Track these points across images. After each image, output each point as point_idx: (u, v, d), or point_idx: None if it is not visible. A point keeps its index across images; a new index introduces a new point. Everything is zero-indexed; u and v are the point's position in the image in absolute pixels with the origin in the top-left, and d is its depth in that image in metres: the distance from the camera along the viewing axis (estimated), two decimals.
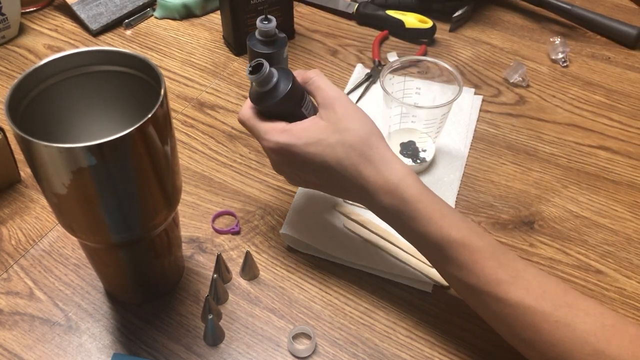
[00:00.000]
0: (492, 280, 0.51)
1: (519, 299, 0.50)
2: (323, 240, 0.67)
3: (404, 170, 0.55)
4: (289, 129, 0.57)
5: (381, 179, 0.54)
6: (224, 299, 0.62)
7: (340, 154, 0.55)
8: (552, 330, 0.49)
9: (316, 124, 0.56)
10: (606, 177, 0.76)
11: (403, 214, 0.54)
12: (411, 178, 0.55)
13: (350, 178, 0.56)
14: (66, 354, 0.59)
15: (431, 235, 0.53)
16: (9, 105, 0.45)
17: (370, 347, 0.59)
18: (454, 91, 0.70)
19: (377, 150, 0.55)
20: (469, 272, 0.52)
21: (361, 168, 0.55)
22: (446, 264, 0.54)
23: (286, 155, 0.57)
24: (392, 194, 0.54)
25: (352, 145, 0.55)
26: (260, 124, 0.58)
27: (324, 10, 1.03)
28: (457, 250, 0.53)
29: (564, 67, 0.92)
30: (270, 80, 0.57)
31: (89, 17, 0.98)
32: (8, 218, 0.70)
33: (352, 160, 0.55)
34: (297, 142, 0.56)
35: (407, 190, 0.54)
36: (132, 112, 0.53)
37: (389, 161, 0.55)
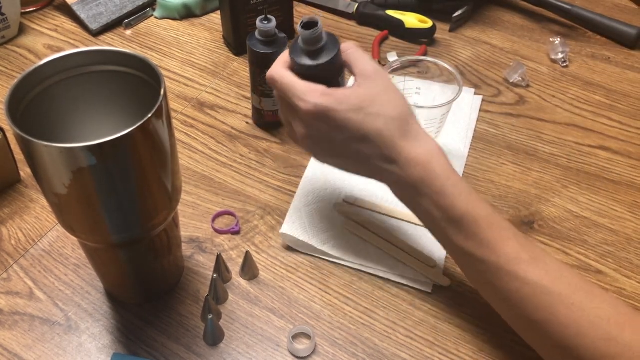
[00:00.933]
0: (513, 258, 0.52)
1: (537, 279, 0.51)
2: (323, 240, 0.67)
3: (437, 147, 0.56)
4: (330, 93, 0.55)
5: (415, 152, 0.55)
6: (223, 298, 0.62)
7: (380, 124, 0.55)
8: (567, 312, 0.49)
9: (357, 92, 0.55)
10: (606, 177, 0.76)
11: (431, 188, 0.54)
12: (443, 155, 0.56)
13: (384, 149, 0.55)
14: (66, 354, 0.59)
15: (457, 209, 0.54)
16: (9, 105, 0.46)
17: (370, 346, 0.59)
18: (453, 91, 0.70)
19: (413, 126, 0.56)
20: (491, 249, 0.52)
21: (398, 140, 0.55)
22: (467, 239, 0.54)
23: (322, 119, 0.55)
24: (424, 167, 0.54)
25: (392, 117, 0.55)
26: (299, 82, 0.56)
27: (324, 10, 1.03)
28: (481, 227, 0.53)
29: (563, 67, 0.92)
30: (321, 39, 0.56)
31: (89, 17, 0.98)
32: (8, 218, 0.70)
33: (391, 132, 0.55)
34: (339, 107, 0.54)
35: (440, 165, 0.55)
36: (132, 112, 0.53)
37: (423, 137, 0.56)
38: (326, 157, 0.60)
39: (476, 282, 0.57)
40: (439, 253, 0.66)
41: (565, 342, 0.49)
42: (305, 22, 0.55)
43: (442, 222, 0.55)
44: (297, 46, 0.57)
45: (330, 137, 0.56)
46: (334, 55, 0.56)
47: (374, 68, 0.57)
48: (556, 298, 0.50)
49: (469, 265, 0.55)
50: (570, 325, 0.49)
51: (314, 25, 0.55)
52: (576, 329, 0.49)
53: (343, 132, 0.55)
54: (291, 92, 0.56)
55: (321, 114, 0.55)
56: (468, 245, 0.54)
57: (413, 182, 0.55)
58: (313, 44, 0.56)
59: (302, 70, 0.57)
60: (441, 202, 0.54)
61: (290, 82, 0.56)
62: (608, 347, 0.48)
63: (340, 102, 0.54)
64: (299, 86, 0.56)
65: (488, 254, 0.53)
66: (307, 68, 0.56)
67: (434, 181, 0.54)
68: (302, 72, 0.57)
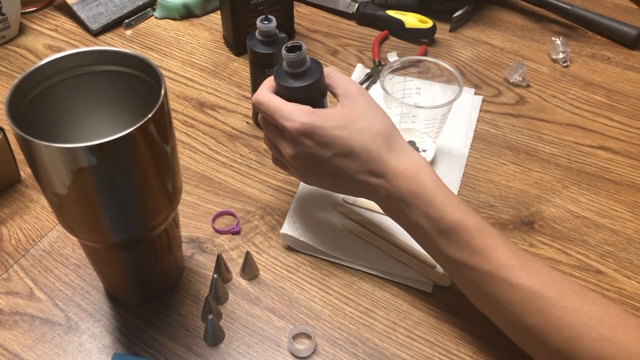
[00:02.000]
0: (504, 265, 0.52)
1: (529, 284, 0.51)
2: (323, 240, 0.67)
3: (423, 160, 0.58)
4: (315, 112, 0.57)
5: (402, 165, 0.56)
6: (224, 299, 0.62)
7: (366, 139, 0.57)
8: (561, 315, 0.50)
9: (341, 111, 0.58)
10: (606, 177, 0.76)
11: (420, 199, 0.55)
12: (430, 168, 0.57)
13: (371, 163, 0.57)
14: (66, 354, 0.59)
15: (447, 219, 0.54)
16: (9, 105, 0.46)
17: (370, 347, 0.59)
18: (454, 91, 0.70)
19: (398, 140, 0.58)
20: (483, 257, 0.53)
21: (385, 154, 0.57)
22: (458, 249, 0.54)
23: (309, 137, 0.57)
24: (412, 179, 0.56)
25: (377, 132, 0.57)
26: (285, 103, 0.58)
27: (324, 10, 1.03)
28: (472, 235, 0.54)
29: (564, 67, 0.92)
30: (305, 62, 0.58)
31: (89, 17, 0.98)
32: (8, 218, 0.70)
33: (377, 146, 0.57)
34: (324, 125, 0.56)
35: (428, 176, 0.56)
36: (133, 112, 0.53)
37: (409, 151, 0.58)
38: (314, 177, 0.61)
39: (469, 292, 0.57)
40: None
41: (561, 345, 0.50)
42: (290, 46, 0.57)
43: (433, 232, 0.56)
44: (282, 70, 0.59)
45: (317, 155, 0.57)
46: (318, 77, 0.58)
47: (356, 88, 0.59)
48: (549, 302, 0.51)
49: (462, 275, 0.56)
50: (564, 328, 0.50)
51: (298, 49, 0.57)
52: (570, 332, 0.49)
53: (330, 148, 0.57)
54: (277, 113, 0.58)
55: (308, 132, 0.56)
56: (459, 254, 0.54)
57: (402, 195, 0.56)
58: (297, 66, 0.58)
59: (287, 92, 0.59)
60: (431, 213, 0.55)
61: (277, 104, 0.58)
62: (603, 348, 0.48)
63: (325, 120, 0.57)
64: (285, 107, 0.57)
65: (480, 262, 0.53)
66: (292, 90, 0.58)
67: (423, 192, 0.55)
68: (287, 94, 0.59)
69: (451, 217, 0.54)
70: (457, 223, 0.54)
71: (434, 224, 0.55)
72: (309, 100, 0.59)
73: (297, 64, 0.58)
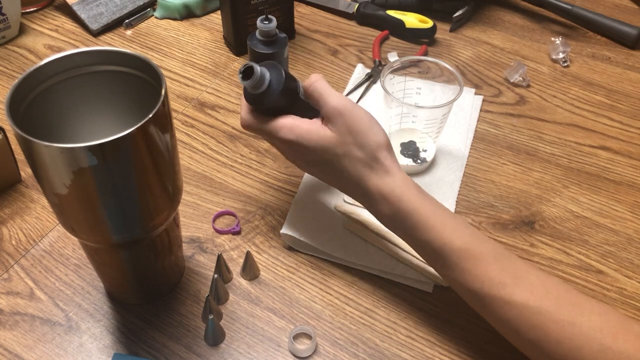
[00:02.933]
0: (496, 283, 0.52)
1: (523, 300, 0.51)
2: (323, 240, 0.67)
3: (406, 182, 0.57)
4: (297, 126, 0.58)
5: (384, 190, 0.57)
6: (224, 299, 0.62)
7: (346, 165, 0.57)
8: (558, 329, 0.50)
9: (323, 133, 0.58)
10: (607, 177, 0.76)
11: (405, 223, 0.56)
12: (414, 190, 0.57)
13: (355, 184, 0.58)
14: (67, 354, 0.59)
15: (433, 243, 0.55)
16: (10, 105, 0.45)
17: (370, 347, 0.59)
18: (454, 91, 0.70)
19: (382, 162, 0.57)
20: (473, 277, 0.53)
21: (366, 179, 0.57)
22: (449, 270, 0.55)
23: (298, 150, 0.59)
24: (394, 205, 0.56)
25: (358, 159, 0.57)
26: (267, 124, 0.59)
27: (324, 10, 1.03)
28: (460, 257, 0.54)
29: (564, 67, 0.92)
30: (263, 81, 0.57)
31: (89, 17, 0.98)
32: (8, 218, 0.70)
33: (358, 171, 0.57)
34: (308, 144, 0.58)
35: (410, 201, 0.56)
36: (133, 112, 0.53)
37: (393, 173, 0.57)
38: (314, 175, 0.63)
39: (472, 305, 0.57)
40: None
41: (563, 357, 0.49)
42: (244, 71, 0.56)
43: (423, 253, 0.57)
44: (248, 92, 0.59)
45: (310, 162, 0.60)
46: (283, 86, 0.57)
47: (340, 106, 0.57)
48: (545, 316, 0.50)
49: (460, 292, 0.56)
50: (563, 341, 0.49)
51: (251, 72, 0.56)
52: (570, 344, 0.49)
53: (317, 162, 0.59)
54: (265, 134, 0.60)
55: (294, 146, 0.58)
56: (451, 274, 0.55)
57: (390, 218, 0.57)
58: (258, 87, 0.57)
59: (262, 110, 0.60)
60: (417, 237, 0.56)
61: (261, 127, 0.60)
62: (605, 357, 0.48)
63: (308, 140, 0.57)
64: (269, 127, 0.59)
65: (472, 282, 0.53)
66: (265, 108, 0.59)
67: (406, 217, 0.56)
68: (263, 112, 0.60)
69: (437, 241, 0.55)
70: (443, 246, 0.54)
71: (422, 247, 0.56)
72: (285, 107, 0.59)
73: (256, 86, 0.57)
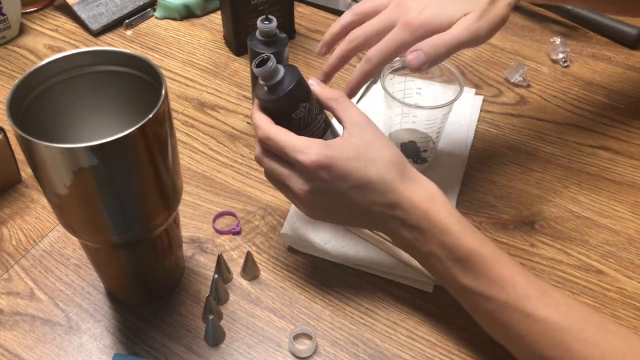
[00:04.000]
0: (522, 295, 0.51)
1: (547, 315, 0.50)
2: (324, 241, 0.67)
3: (436, 188, 0.56)
4: (328, 144, 0.55)
5: (416, 195, 0.55)
6: (224, 299, 0.62)
7: (381, 169, 0.55)
8: (580, 348, 0.49)
9: (351, 141, 0.56)
10: (607, 177, 0.76)
11: (435, 228, 0.54)
12: (443, 196, 0.56)
13: (387, 193, 0.55)
14: (67, 354, 0.59)
15: (463, 248, 0.53)
16: (10, 106, 0.46)
17: (371, 347, 0.59)
18: (454, 91, 0.70)
19: (410, 169, 0.57)
20: (500, 286, 0.52)
21: (399, 183, 0.55)
22: (474, 278, 0.53)
23: (325, 169, 0.54)
24: (427, 209, 0.55)
25: (391, 161, 0.56)
26: (295, 137, 0.55)
27: (324, 10, 1.03)
28: (489, 264, 0.53)
29: (564, 67, 0.92)
30: (278, 72, 0.56)
31: (89, 17, 0.98)
32: (9, 218, 0.70)
33: (392, 176, 0.55)
34: (340, 156, 0.54)
35: (442, 205, 0.55)
36: (133, 113, 0.53)
37: (421, 179, 0.57)
38: (326, 212, 0.59)
39: (485, 322, 0.56)
40: None
41: None
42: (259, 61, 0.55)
43: (448, 261, 0.54)
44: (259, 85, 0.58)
45: (333, 189, 0.55)
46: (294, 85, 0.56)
47: (363, 117, 0.57)
48: (568, 334, 0.49)
49: (477, 305, 0.55)
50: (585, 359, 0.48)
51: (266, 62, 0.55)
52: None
53: (346, 180, 0.55)
54: (289, 147, 0.55)
55: (324, 164, 0.54)
56: (475, 283, 0.53)
57: (417, 224, 0.55)
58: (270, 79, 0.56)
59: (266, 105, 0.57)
60: (446, 241, 0.54)
61: (287, 138, 0.55)
62: None
63: (340, 152, 0.54)
64: (298, 142, 0.55)
65: (497, 292, 0.52)
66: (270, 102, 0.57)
67: (438, 221, 0.54)
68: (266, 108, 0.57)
69: (467, 245, 0.53)
70: (473, 251, 0.53)
71: (449, 253, 0.54)
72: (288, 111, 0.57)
73: (268, 77, 0.56)
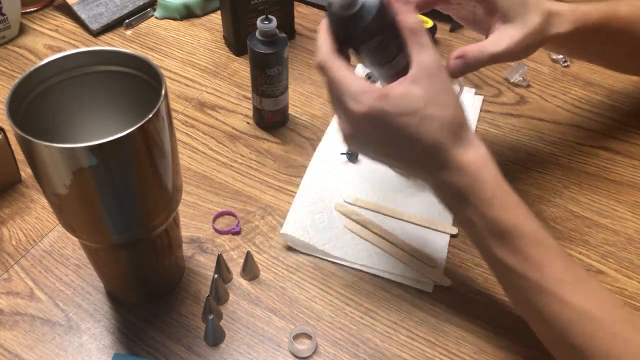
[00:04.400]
0: (557, 279, 0.50)
1: (580, 303, 0.49)
2: (323, 240, 0.67)
3: (489, 155, 0.53)
4: (385, 94, 0.51)
5: (466, 159, 0.52)
6: (224, 299, 0.62)
7: (436, 129, 0.51)
8: (609, 341, 0.48)
9: (412, 92, 0.51)
10: (607, 177, 0.76)
11: (478, 197, 0.52)
12: (493, 163, 0.53)
13: (435, 154, 0.52)
14: (67, 354, 0.59)
15: (504, 222, 0.51)
16: (10, 106, 0.46)
17: (371, 347, 0.59)
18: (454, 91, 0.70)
19: (466, 130, 0.53)
20: (535, 267, 0.51)
21: (451, 146, 0.52)
22: (510, 254, 0.51)
23: (374, 123, 0.52)
24: (474, 175, 0.52)
25: (447, 122, 0.52)
26: (352, 80, 0.52)
27: (324, 10, 1.03)
28: (528, 243, 0.51)
29: (564, 67, 0.92)
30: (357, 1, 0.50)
31: (89, 17, 0.98)
32: (9, 218, 0.70)
33: (445, 137, 0.52)
34: (394, 111, 0.51)
35: (490, 174, 0.52)
36: (133, 112, 0.53)
37: (477, 145, 0.53)
38: (368, 155, 0.57)
39: (515, 298, 0.55)
40: (440, 253, 0.66)
41: None
42: None
43: (485, 232, 0.53)
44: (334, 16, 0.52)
45: (379, 141, 0.53)
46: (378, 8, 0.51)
47: (435, 62, 0.52)
48: (598, 325, 0.48)
49: (509, 280, 0.53)
50: (611, 354, 0.47)
51: None
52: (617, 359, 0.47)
53: (395, 137, 0.52)
54: (343, 89, 0.52)
55: (374, 118, 0.51)
56: (510, 259, 0.52)
57: (460, 190, 0.52)
58: (350, 7, 0.50)
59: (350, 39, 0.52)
60: (487, 213, 0.52)
61: (343, 78, 0.52)
62: None
63: (395, 105, 0.51)
64: (352, 85, 0.51)
65: (531, 272, 0.51)
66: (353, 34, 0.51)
67: (483, 191, 0.52)
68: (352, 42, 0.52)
69: (508, 221, 0.51)
70: (513, 228, 0.51)
71: (489, 225, 0.52)
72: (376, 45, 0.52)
73: (348, 5, 0.50)
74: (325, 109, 0.84)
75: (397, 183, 0.73)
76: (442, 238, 0.68)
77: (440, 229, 0.68)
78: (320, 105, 0.85)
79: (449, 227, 0.69)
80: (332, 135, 0.79)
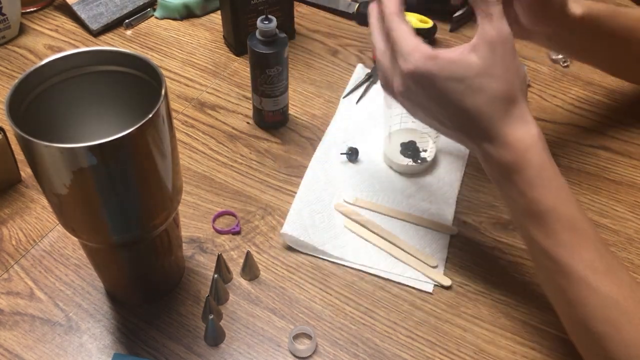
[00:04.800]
0: (589, 266, 0.50)
1: (608, 292, 0.49)
2: (323, 240, 0.67)
3: (538, 134, 0.53)
4: (435, 56, 0.51)
5: (513, 136, 0.52)
6: (224, 299, 0.62)
7: (481, 101, 0.51)
8: (633, 331, 0.48)
9: (466, 59, 0.51)
10: (607, 177, 0.76)
11: (521, 176, 0.52)
12: (542, 144, 0.53)
13: (480, 126, 0.52)
14: (67, 354, 0.59)
15: (542, 203, 0.51)
16: (10, 106, 0.46)
17: (370, 347, 0.59)
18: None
19: (518, 107, 0.52)
20: (568, 251, 0.51)
21: (498, 121, 0.52)
22: (545, 235, 0.52)
23: (420, 84, 0.52)
24: (520, 154, 0.52)
25: (496, 96, 0.51)
26: (407, 37, 0.52)
27: (324, 10, 1.03)
28: (564, 227, 0.51)
29: (564, 67, 0.92)
30: None
31: (89, 17, 0.98)
32: (9, 218, 0.70)
33: (492, 112, 0.51)
34: (441, 74, 0.51)
35: (537, 154, 0.52)
36: (133, 112, 0.53)
37: (527, 121, 0.52)
38: (418, 115, 0.57)
39: (543, 278, 0.55)
40: (440, 253, 0.66)
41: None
42: None
43: (523, 210, 0.53)
44: None
45: (426, 102, 0.53)
46: None
47: (499, 34, 0.51)
48: (624, 315, 0.48)
49: (541, 260, 0.53)
50: (634, 344, 0.47)
51: None
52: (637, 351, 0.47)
53: (439, 100, 0.52)
54: (397, 46, 0.53)
55: (420, 78, 0.51)
56: (544, 240, 0.52)
57: (504, 166, 0.52)
58: None
59: None
60: (528, 193, 0.52)
61: (399, 36, 0.53)
62: None
63: (442, 69, 0.51)
64: (405, 44, 0.52)
65: (563, 255, 0.51)
66: None
67: (526, 170, 0.51)
68: None
69: (546, 203, 0.51)
70: (551, 210, 0.51)
71: (527, 204, 0.52)
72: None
73: None
74: (326, 109, 0.84)
75: (397, 183, 0.73)
76: (442, 238, 0.68)
77: (440, 229, 0.68)
78: (320, 105, 0.85)
79: (449, 227, 0.69)
80: (332, 135, 0.79)
